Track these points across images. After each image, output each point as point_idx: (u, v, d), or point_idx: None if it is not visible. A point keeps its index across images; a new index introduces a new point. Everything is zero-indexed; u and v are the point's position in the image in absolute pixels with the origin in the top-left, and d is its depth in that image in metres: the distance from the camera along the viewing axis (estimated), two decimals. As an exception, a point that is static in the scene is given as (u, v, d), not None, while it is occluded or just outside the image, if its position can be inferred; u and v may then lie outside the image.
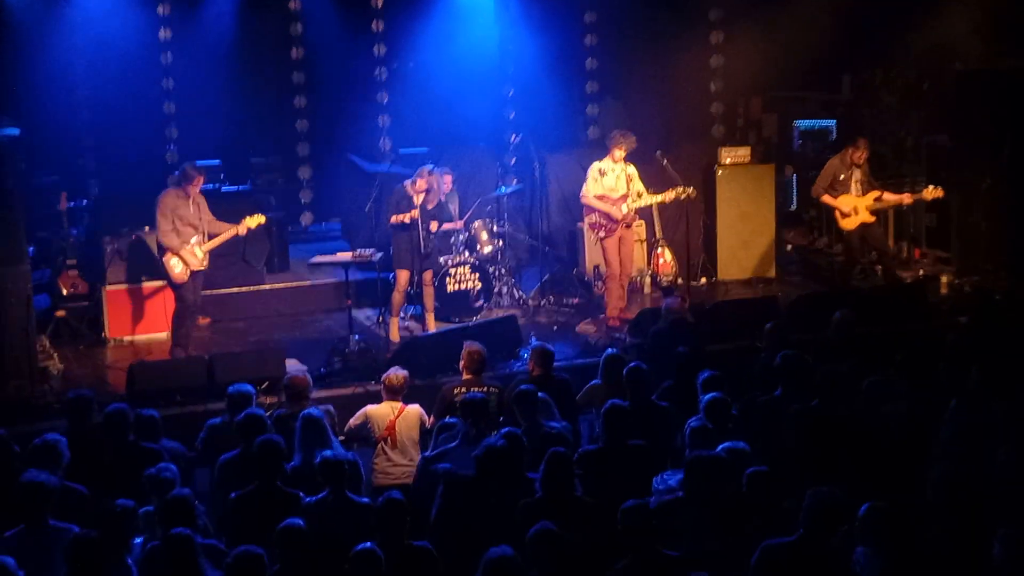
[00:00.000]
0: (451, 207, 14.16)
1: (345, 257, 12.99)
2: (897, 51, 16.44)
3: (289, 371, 10.48)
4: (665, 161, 14.08)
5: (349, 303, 12.86)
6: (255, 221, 12.39)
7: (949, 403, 8.41)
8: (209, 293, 13.27)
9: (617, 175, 13.31)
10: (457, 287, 13.66)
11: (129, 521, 7.07)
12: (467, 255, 13.89)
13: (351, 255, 12.97)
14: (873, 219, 14.18)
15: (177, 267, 12.12)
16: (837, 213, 14.16)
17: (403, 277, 12.91)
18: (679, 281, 14.86)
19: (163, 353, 12.56)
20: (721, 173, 15.40)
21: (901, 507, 6.45)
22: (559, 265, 15.23)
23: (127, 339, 13.41)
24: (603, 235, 13.36)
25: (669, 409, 9.02)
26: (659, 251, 15.03)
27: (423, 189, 12.69)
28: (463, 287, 13.69)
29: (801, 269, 15.88)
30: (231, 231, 12.36)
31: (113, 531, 6.88)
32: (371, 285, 13.86)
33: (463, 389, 9.38)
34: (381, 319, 13.52)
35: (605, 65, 17.08)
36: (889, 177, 15.84)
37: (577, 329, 13.37)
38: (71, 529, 7.00)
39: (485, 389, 9.38)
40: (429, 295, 13.13)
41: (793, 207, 17.42)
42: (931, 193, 14.17)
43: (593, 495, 7.52)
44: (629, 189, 13.31)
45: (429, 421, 9.51)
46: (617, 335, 12.76)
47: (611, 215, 13.25)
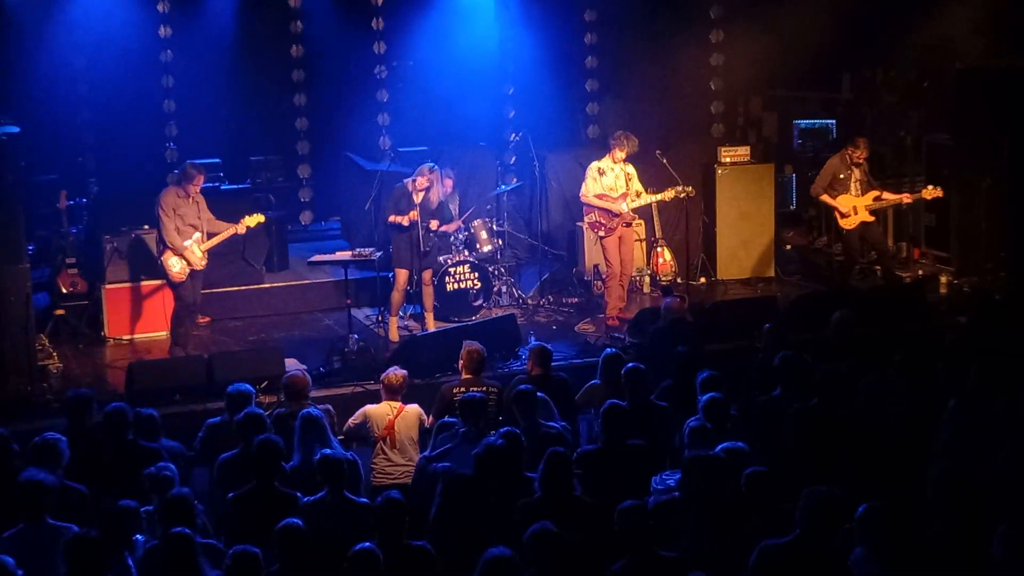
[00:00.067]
0: (451, 207, 14.15)
1: (344, 256, 13.02)
2: (897, 50, 16.42)
3: (288, 370, 10.45)
4: (664, 160, 14.08)
5: (348, 302, 12.86)
6: (254, 220, 12.43)
7: (948, 403, 8.40)
8: (208, 292, 13.28)
9: (616, 174, 13.30)
10: (456, 286, 13.65)
11: (131, 521, 7.07)
12: (466, 254, 13.89)
13: (350, 254, 13.00)
14: (873, 219, 14.18)
15: (175, 266, 12.12)
16: (836, 213, 14.17)
17: (402, 276, 12.90)
18: (678, 280, 14.87)
19: (162, 352, 12.58)
20: (721, 172, 15.40)
21: (900, 507, 6.43)
22: (558, 264, 15.24)
23: (126, 338, 13.41)
24: (603, 234, 13.35)
25: (668, 409, 9.02)
26: (658, 250, 15.02)
27: (424, 187, 12.69)
28: (462, 286, 13.69)
29: (800, 269, 15.87)
30: (230, 230, 12.37)
31: (114, 531, 6.88)
32: (370, 284, 13.86)
33: (462, 388, 9.37)
34: (380, 318, 13.51)
35: (605, 64, 17.05)
36: (888, 177, 15.85)
37: (576, 329, 13.39)
38: (70, 528, 6.99)
39: (484, 389, 9.37)
40: (428, 294, 13.12)
41: (793, 206, 17.40)
42: (930, 193, 14.17)
43: (592, 495, 7.51)
44: (628, 188, 13.30)
45: (428, 421, 9.50)
46: (616, 335, 12.76)
47: (611, 211, 13.23)
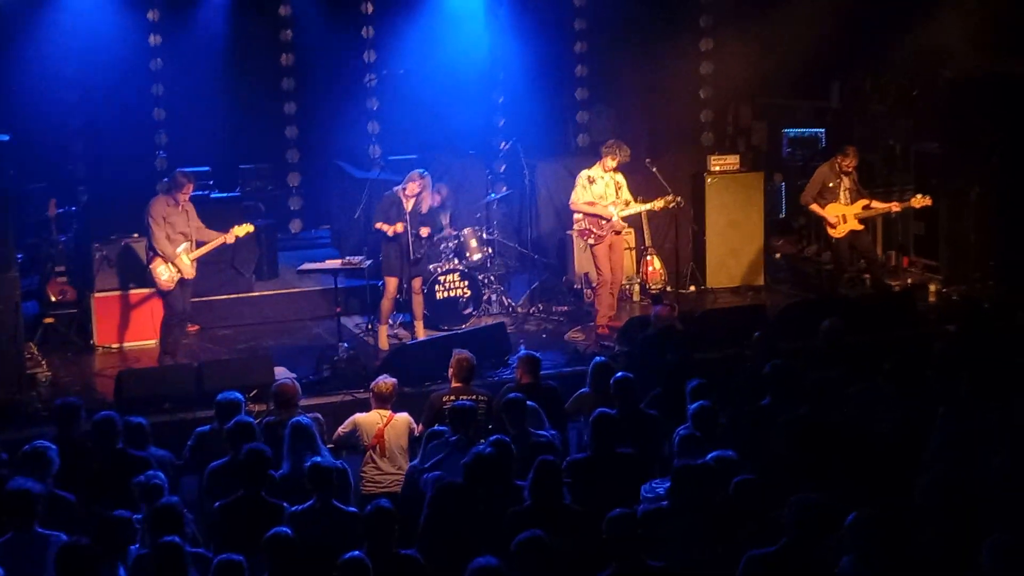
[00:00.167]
0: (442, 219, 14.13)
1: (334, 264, 13.00)
2: (887, 59, 16.44)
3: (278, 379, 10.44)
4: (654, 168, 14.09)
5: (338, 310, 12.84)
6: (243, 230, 12.43)
7: (938, 411, 8.41)
8: (198, 300, 13.23)
9: (607, 183, 13.30)
10: (446, 295, 13.65)
11: (125, 531, 7.05)
12: (456, 262, 13.88)
13: (340, 262, 12.98)
14: (862, 227, 14.20)
15: (164, 274, 12.10)
16: (825, 222, 14.19)
17: (392, 284, 12.89)
18: (668, 289, 14.85)
19: (151, 360, 12.55)
20: (710, 181, 15.41)
21: (890, 515, 6.43)
22: (548, 273, 15.23)
23: (115, 346, 13.38)
24: (592, 242, 13.35)
25: (657, 417, 9.02)
26: (648, 259, 15.00)
27: (414, 193, 12.69)
28: (452, 295, 13.68)
29: (790, 277, 15.88)
30: (219, 240, 12.36)
31: (108, 540, 6.86)
32: (360, 292, 13.86)
33: (452, 397, 9.38)
34: (370, 326, 13.50)
35: (595, 72, 17.09)
36: (878, 185, 15.86)
37: (566, 337, 13.37)
38: (59, 536, 6.98)
39: (474, 397, 9.37)
40: (418, 303, 13.12)
41: (782, 215, 17.43)
42: (919, 201, 14.18)
43: (581, 503, 7.50)
44: (618, 197, 13.31)
45: (418, 429, 9.51)
46: (606, 343, 12.76)
47: (601, 216, 13.21)
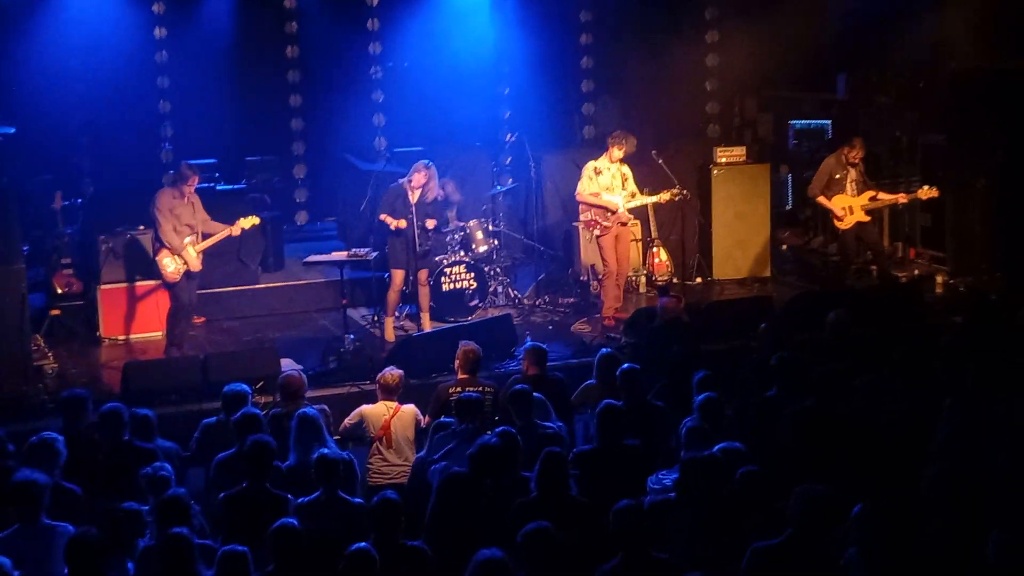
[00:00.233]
0: (449, 216, 14.11)
1: (340, 256, 13.01)
2: (893, 51, 16.42)
3: (284, 370, 10.44)
4: (660, 160, 14.08)
5: (344, 302, 12.85)
6: (248, 222, 12.42)
7: (944, 402, 8.40)
8: (204, 292, 13.27)
9: (613, 174, 13.31)
10: (452, 286, 13.64)
11: (135, 524, 7.06)
12: (462, 254, 13.87)
13: (346, 254, 12.99)
14: (868, 219, 14.19)
15: (170, 266, 12.11)
16: (832, 214, 14.17)
17: (398, 276, 12.89)
18: (674, 280, 14.85)
19: (158, 352, 12.57)
20: (716, 173, 15.39)
21: (896, 507, 6.41)
22: (554, 264, 15.23)
23: (122, 338, 13.40)
24: (598, 233, 13.34)
25: (664, 409, 9.02)
26: (654, 250, 15.00)
27: (420, 184, 12.67)
28: (458, 286, 13.67)
29: (796, 269, 15.87)
30: (224, 232, 12.36)
31: (118, 533, 6.87)
32: (366, 284, 13.86)
33: (458, 388, 9.38)
34: (376, 318, 13.50)
35: (600, 64, 17.06)
36: (884, 177, 15.84)
37: (572, 329, 13.38)
38: (65, 528, 6.99)
39: (480, 389, 9.38)
40: (424, 294, 13.12)
41: (788, 207, 17.41)
42: (926, 193, 14.17)
43: (588, 495, 7.50)
44: (624, 188, 13.30)
45: (424, 421, 9.50)
46: (612, 335, 12.76)
47: (607, 207, 13.21)
